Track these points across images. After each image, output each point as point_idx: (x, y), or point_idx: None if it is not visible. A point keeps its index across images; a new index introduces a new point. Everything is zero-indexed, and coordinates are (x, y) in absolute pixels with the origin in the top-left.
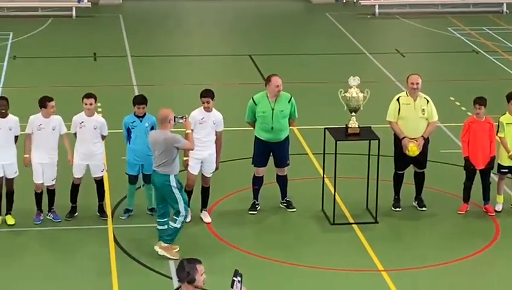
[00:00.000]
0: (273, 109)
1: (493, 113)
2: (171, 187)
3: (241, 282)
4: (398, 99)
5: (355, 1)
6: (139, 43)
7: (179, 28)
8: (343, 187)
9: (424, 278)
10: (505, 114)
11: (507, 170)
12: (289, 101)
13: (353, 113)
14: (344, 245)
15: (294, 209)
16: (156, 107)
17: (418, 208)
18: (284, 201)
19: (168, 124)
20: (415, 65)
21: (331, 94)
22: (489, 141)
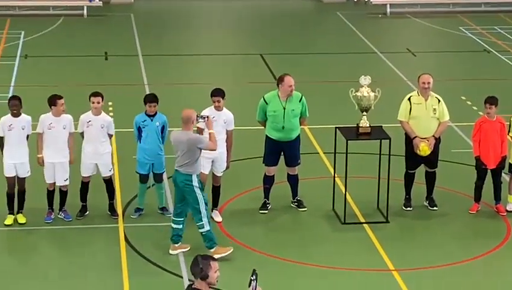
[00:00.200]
0: (284, 108)
1: (504, 112)
2: (193, 187)
3: (256, 281)
4: (410, 98)
5: (366, 0)
6: (151, 42)
7: (190, 27)
8: (354, 186)
9: (435, 277)
10: None
11: None
12: (300, 101)
13: (364, 112)
14: (355, 245)
15: (305, 208)
16: (167, 106)
17: (429, 208)
18: (295, 200)
19: (191, 125)
20: (426, 64)
21: (342, 93)
22: (500, 141)
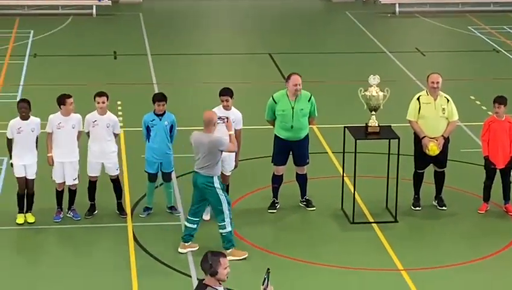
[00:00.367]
0: (292, 108)
1: None
2: (215, 189)
3: (268, 279)
4: (419, 98)
5: (375, 0)
6: (159, 42)
7: (199, 27)
8: (362, 186)
9: (444, 277)
10: None
11: None
12: (309, 100)
13: (373, 112)
14: (363, 244)
15: (313, 208)
16: (176, 105)
17: (438, 207)
18: (304, 200)
19: (213, 127)
20: (435, 64)
21: (351, 93)
22: (509, 140)
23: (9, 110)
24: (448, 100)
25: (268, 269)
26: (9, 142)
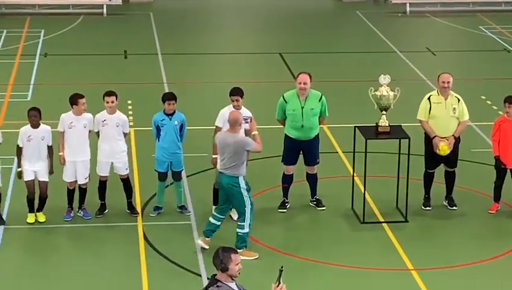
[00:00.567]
0: (302, 107)
1: None
2: (240, 189)
3: (280, 277)
4: (429, 98)
5: None
6: (170, 41)
7: (209, 26)
8: (373, 186)
9: (454, 277)
10: None
11: None
12: (319, 100)
13: (383, 111)
14: (374, 244)
15: (323, 207)
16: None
17: (449, 207)
18: (314, 199)
19: (238, 127)
20: (446, 64)
21: (362, 92)
22: None
23: (20, 109)
24: (459, 100)
25: (282, 267)
26: (18, 150)
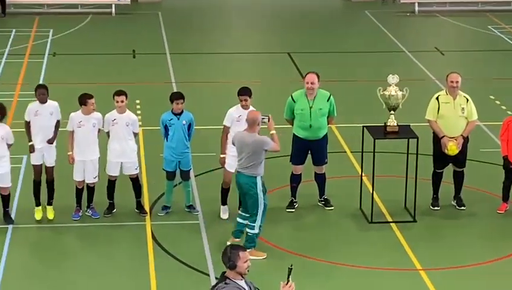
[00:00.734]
0: (311, 107)
1: None
2: (257, 190)
3: (289, 276)
4: (438, 97)
5: None
6: (178, 41)
7: (218, 26)
8: (381, 186)
9: (463, 277)
10: None
11: None
12: (328, 100)
13: (392, 111)
14: (382, 244)
15: (332, 207)
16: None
17: (457, 207)
18: (322, 199)
19: (257, 127)
20: (455, 63)
21: (370, 92)
22: None
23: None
24: (467, 100)
25: (291, 266)
26: (27, 125)
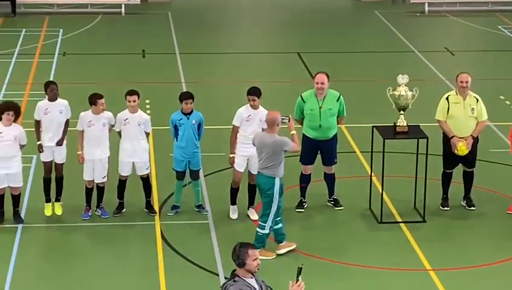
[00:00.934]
0: (320, 107)
1: None
2: (273, 191)
3: (299, 275)
4: (448, 98)
5: None
6: (188, 41)
7: (227, 26)
8: (390, 186)
9: (472, 278)
10: None
11: None
12: (337, 100)
13: (401, 111)
14: (391, 244)
15: (341, 207)
16: (204, 104)
17: (467, 208)
18: (331, 199)
19: (276, 127)
20: (465, 63)
21: (380, 92)
22: None
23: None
24: (477, 100)
25: (301, 265)
26: (36, 124)
